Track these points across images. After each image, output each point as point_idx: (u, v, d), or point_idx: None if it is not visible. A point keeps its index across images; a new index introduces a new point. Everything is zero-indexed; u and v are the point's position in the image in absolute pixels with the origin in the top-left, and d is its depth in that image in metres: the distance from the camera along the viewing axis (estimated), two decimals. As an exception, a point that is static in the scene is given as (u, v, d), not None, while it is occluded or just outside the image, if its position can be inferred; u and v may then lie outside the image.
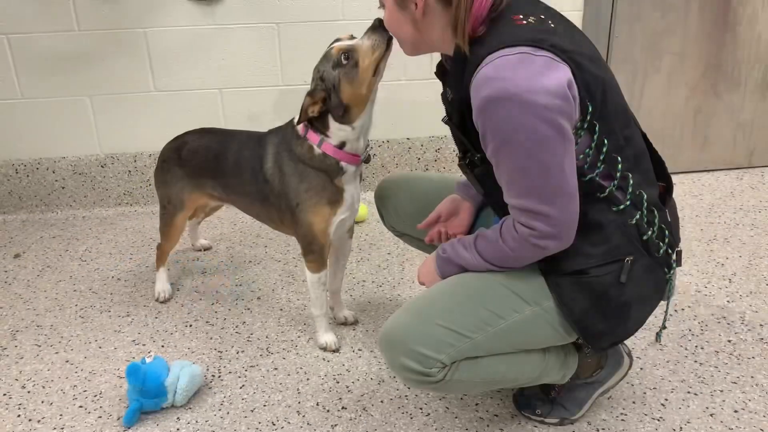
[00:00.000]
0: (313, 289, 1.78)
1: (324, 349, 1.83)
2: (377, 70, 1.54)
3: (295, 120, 1.66)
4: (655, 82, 2.95)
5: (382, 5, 1.35)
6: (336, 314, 1.96)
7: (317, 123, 1.63)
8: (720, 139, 3.07)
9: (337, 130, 1.61)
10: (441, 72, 1.44)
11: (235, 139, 1.86)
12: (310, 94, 1.58)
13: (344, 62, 1.53)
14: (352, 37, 1.59)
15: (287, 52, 2.74)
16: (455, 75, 1.27)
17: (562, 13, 1.31)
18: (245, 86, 2.78)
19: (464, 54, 1.22)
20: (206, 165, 1.89)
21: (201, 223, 2.49)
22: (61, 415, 1.62)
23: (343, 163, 1.64)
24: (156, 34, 2.66)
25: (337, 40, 1.59)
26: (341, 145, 1.63)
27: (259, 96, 2.80)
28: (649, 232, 1.27)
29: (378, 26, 1.51)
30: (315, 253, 1.73)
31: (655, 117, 3.00)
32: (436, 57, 1.44)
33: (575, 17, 2.82)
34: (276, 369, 1.77)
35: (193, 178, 1.93)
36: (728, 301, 2.02)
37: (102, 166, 2.84)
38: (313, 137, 1.63)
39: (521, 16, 1.19)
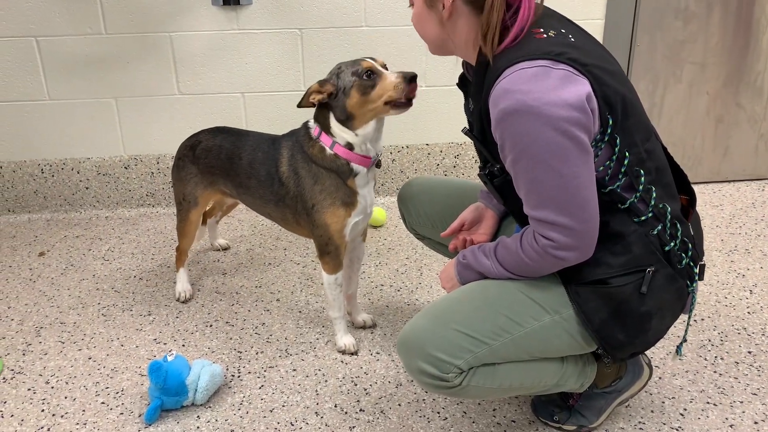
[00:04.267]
0: (329, 290, 1.80)
1: (343, 351, 1.85)
2: (383, 109, 1.59)
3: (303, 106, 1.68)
4: (676, 92, 2.94)
5: (412, 3, 1.36)
6: (354, 318, 1.98)
7: (320, 117, 1.67)
8: (741, 149, 3.05)
9: (339, 131, 1.65)
10: (463, 83, 1.45)
11: (248, 141, 1.89)
12: (320, 82, 1.62)
13: (364, 78, 1.58)
14: (384, 66, 1.63)
15: (310, 58, 2.77)
16: (476, 85, 1.28)
17: (583, 22, 1.31)
18: (268, 90, 2.81)
19: (486, 63, 1.23)
20: (219, 164, 1.93)
21: (219, 222, 2.52)
22: (83, 410, 1.65)
23: (353, 165, 1.67)
24: (181, 39, 2.70)
25: (373, 59, 1.63)
26: (350, 147, 1.66)
27: (282, 100, 2.83)
28: (672, 244, 1.27)
29: (410, 79, 1.56)
30: (331, 254, 1.75)
31: (675, 126, 2.99)
32: (457, 65, 1.45)
33: (596, 26, 2.82)
34: (295, 370, 1.78)
35: (206, 175, 1.97)
36: (749, 312, 2.01)
37: (126, 168, 2.88)
38: (326, 140, 1.67)
39: (541, 30, 1.21)
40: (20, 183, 2.87)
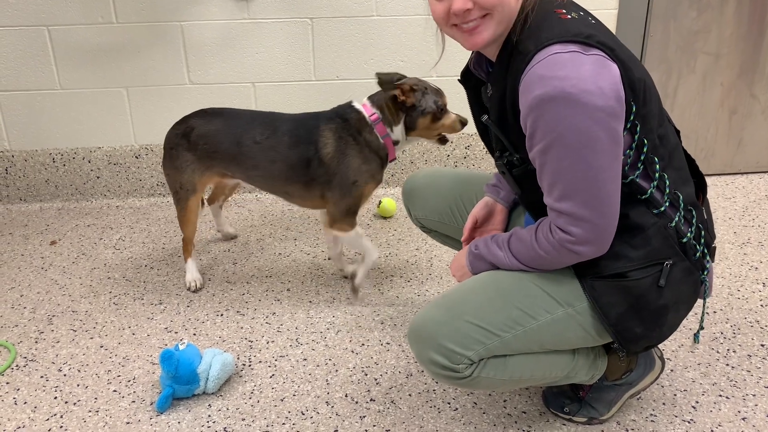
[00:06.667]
0: (359, 241, 1.98)
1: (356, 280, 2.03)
2: (433, 136, 1.96)
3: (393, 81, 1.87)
4: (689, 82, 2.91)
5: None
6: (344, 271, 2.21)
7: (396, 111, 1.89)
8: (755, 140, 3.02)
9: (398, 129, 1.92)
10: (466, 78, 1.44)
11: (257, 123, 1.96)
12: (413, 87, 1.86)
13: (440, 110, 1.89)
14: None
15: (320, 47, 2.76)
16: (499, 69, 1.25)
17: (596, 11, 1.29)
18: (278, 80, 2.80)
19: (511, 47, 1.20)
20: (222, 149, 1.96)
21: (223, 207, 2.47)
22: (95, 398, 1.66)
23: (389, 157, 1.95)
24: (192, 28, 2.69)
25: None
26: (396, 143, 1.93)
27: (292, 90, 2.82)
28: (688, 234, 1.25)
29: (464, 124, 1.95)
30: (353, 215, 1.95)
31: (688, 118, 2.96)
32: (467, 55, 1.42)
33: (610, 16, 2.79)
34: (305, 360, 1.79)
35: (204, 160, 2.00)
36: (761, 305, 1.99)
37: (136, 157, 2.89)
38: (381, 130, 1.90)
39: (564, 11, 1.18)
40: (32, 172, 2.88)
